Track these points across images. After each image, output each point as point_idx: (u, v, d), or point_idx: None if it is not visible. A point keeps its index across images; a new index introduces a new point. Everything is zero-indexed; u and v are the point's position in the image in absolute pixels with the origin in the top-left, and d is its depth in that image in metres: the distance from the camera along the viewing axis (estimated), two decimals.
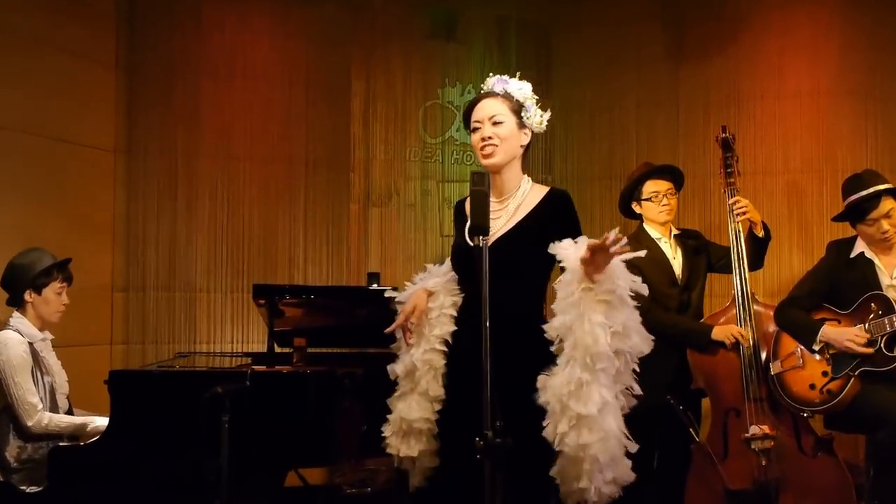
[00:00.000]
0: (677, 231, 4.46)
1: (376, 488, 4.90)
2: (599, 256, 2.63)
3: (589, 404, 2.62)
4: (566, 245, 2.76)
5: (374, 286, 4.70)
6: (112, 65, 5.18)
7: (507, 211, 2.91)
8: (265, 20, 5.52)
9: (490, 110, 2.92)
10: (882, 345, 3.80)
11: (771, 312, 4.14)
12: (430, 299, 2.93)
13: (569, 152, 5.88)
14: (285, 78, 5.54)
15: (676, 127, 5.61)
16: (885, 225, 3.89)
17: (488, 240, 2.73)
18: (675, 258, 4.36)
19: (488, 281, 2.49)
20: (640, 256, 2.78)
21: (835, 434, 4.08)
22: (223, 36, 5.42)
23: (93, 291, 4.93)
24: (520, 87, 2.96)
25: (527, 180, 2.98)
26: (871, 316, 3.84)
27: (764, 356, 4.11)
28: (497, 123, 2.90)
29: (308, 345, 4.41)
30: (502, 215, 2.91)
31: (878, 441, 3.81)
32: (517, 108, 2.93)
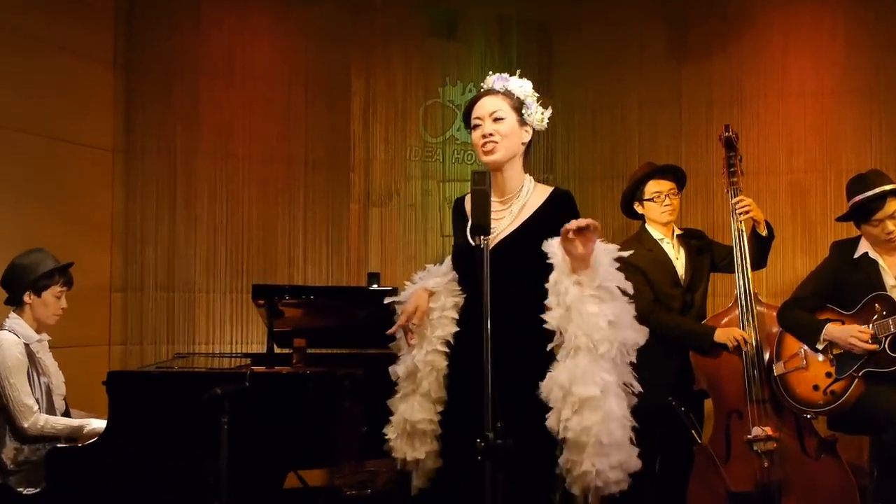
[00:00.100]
0: (680, 231, 4.44)
1: (376, 490, 4.89)
2: (578, 245, 2.63)
3: (591, 386, 2.61)
4: (555, 242, 2.75)
5: (374, 286, 4.69)
6: (110, 63, 5.17)
7: (511, 212, 2.90)
8: (265, 19, 5.52)
9: (491, 107, 2.91)
10: (886, 345, 3.78)
11: (774, 313, 4.12)
12: (430, 299, 2.91)
13: (570, 152, 5.86)
14: (285, 77, 5.54)
15: (679, 126, 5.59)
16: (889, 225, 3.88)
17: (491, 240, 2.75)
18: (678, 259, 4.34)
19: (491, 282, 2.48)
20: (625, 256, 2.77)
21: (838, 435, 4.05)
22: (222, 34, 5.41)
23: (91, 292, 4.91)
24: (520, 85, 2.95)
25: (529, 180, 2.97)
26: (875, 317, 3.82)
27: (767, 357, 4.08)
28: (498, 120, 2.89)
29: (308, 345, 4.39)
30: (505, 216, 2.89)
31: (882, 442, 3.80)
32: (518, 105, 2.92)
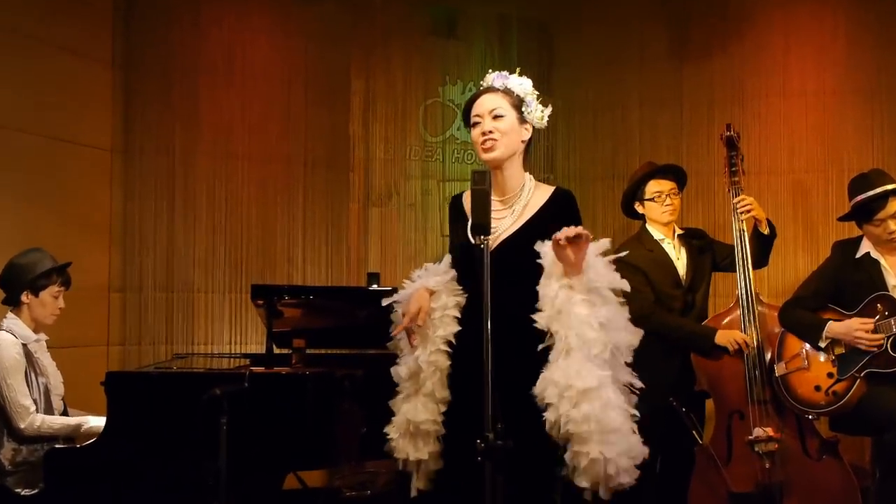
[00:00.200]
0: (681, 231, 4.43)
1: (376, 491, 4.88)
2: (570, 253, 2.64)
3: (587, 379, 2.61)
4: (547, 243, 2.75)
5: (374, 286, 4.68)
6: (109, 63, 5.15)
7: (514, 212, 2.89)
8: (264, 18, 5.51)
9: (490, 104, 2.90)
10: (888, 346, 3.77)
11: (775, 313, 4.11)
12: (431, 299, 2.89)
13: (571, 151, 5.84)
14: (284, 76, 5.52)
15: (680, 125, 5.58)
16: (892, 225, 3.86)
17: (494, 241, 2.79)
18: (679, 259, 4.33)
19: (493, 282, 2.47)
20: (622, 256, 2.78)
21: (840, 436, 4.05)
22: (221, 34, 5.40)
23: (89, 292, 4.89)
24: (520, 83, 2.95)
25: (530, 178, 2.96)
26: (878, 317, 3.81)
27: (768, 357, 4.08)
28: (497, 117, 2.88)
29: (307, 346, 4.38)
30: (507, 216, 2.89)
31: (884, 443, 3.79)
32: (518, 103, 2.91)
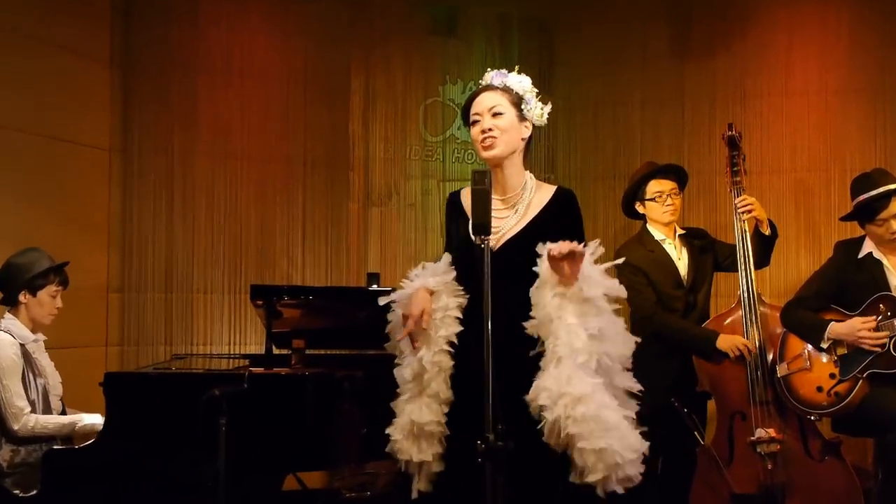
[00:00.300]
0: (682, 231, 4.41)
1: (376, 492, 4.87)
2: (565, 266, 2.66)
3: (579, 386, 2.62)
4: (548, 247, 2.75)
5: (374, 287, 4.66)
6: (107, 62, 5.13)
7: (517, 211, 2.89)
8: (263, 17, 5.49)
9: (489, 102, 2.90)
10: (891, 346, 3.76)
11: (777, 314, 4.10)
12: (432, 299, 2.87)
13: (572, 151, 5.82)
14: (283, 76, 5.51)
15: (682, 125, 5.56)
16: (894, 225, 3.86)
17: (497, 241, 2.81)
18: (680, 259, 4.32)
19: (495, 282, 2.47)
20: (619, 263, 2.79)
21: (842, 437, 4.04)
22: (220, 33, 5.38)
23: (88, 292, 4.88)
24: (519, 80, 2.95)
25: (531, 177, 2.96)
26: (880, 317, 3.80)
27: (770, 358, 4.07)
28: (497, 115, 2.88)
29: (307, 346, 4.36)
30: (510, 215, 2.89)
31: (887, 444, 3.78)
32: (517, 100, 2.91)
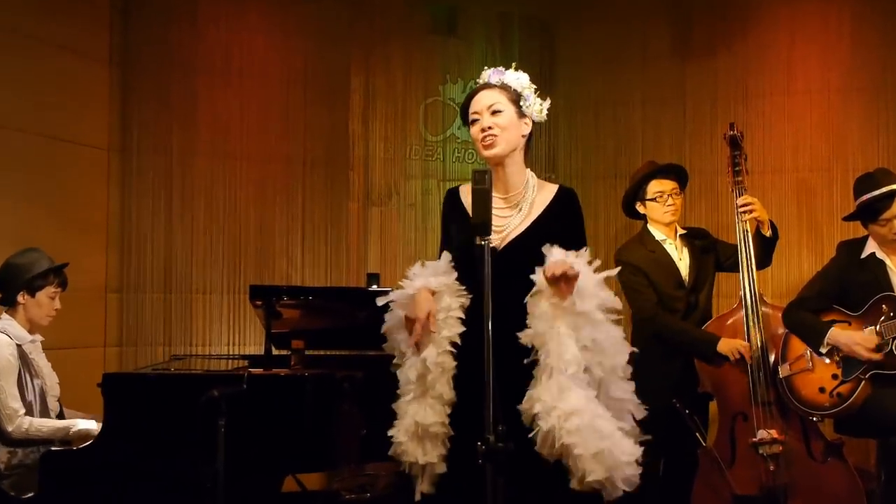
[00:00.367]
0: (683, 231, 4.39)
1: (376, 494, 4.86)
2: (561, 285, 2.67)
3: (573, 401, 2.63)
4: (553, 253, 2.77)
5: (374, 287, 4.64)
6: (106, 60, 5.12)
7: (520, 210, 2.89)
8: (262, 16, 5.49)
9: (488, 100, 2.89)
10: (893, 347, 3.74)
11: (779, 314, 4.08)
12: (433, 299, 2.84)
13: (573, 150, 5.81)
14: (283, 75, 5.50)
15: (683, 124, 5.56)
16: None
17: (501, 240, 2.82)
18: (682, 259, 4.30)
19: (500, 281, 2.46)
20: (613, 274, 2.82)
21: (845, 438, 4.02)
22: (219, 32, 5.37)
23: (86, 292, 4.86)
24: (517, 77, 2.94)
25: (532, 175, 2.96)
26: (883, 318, 3.78)
27: (772, 359, 4.05)
28: (496, 113, 2.87)
29: (306, 347, 4.34)
30: (514, 214, 2.88)
31: (889, 445, 3.78)
32: (515, 97, 2.90)
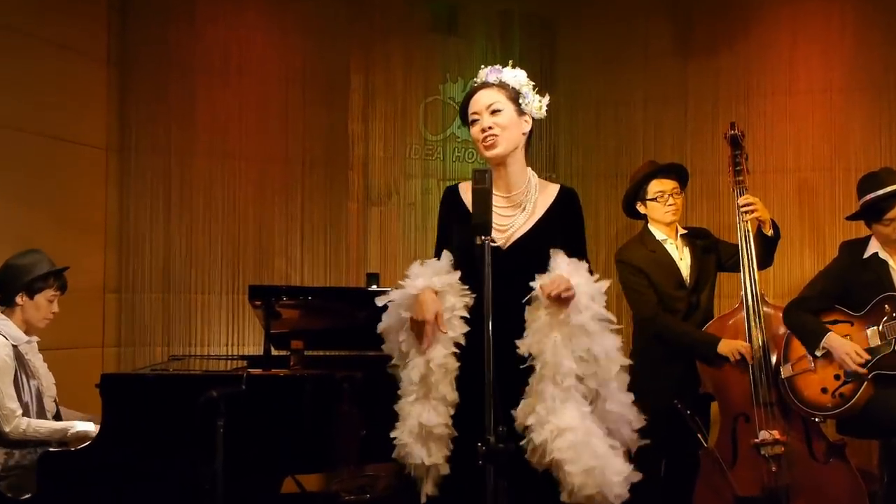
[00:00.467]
0: (684, 231, 4.38)
1: (375, 495, 4.84)
2: (560, 303, 2.70)
3: (567, 417, 2.64)
4: (558, 259, 2.79)
5: (374, 287, 4.63)
6: (104, 60, 5.10)
7: (525, 210, 2.89)
8: (261, 15, 5.47)
9: (487, 100, 2.89)
10: None
11: (780, 314, 4.07)
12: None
13: (573, 149, 5.80)
14: (282, 74, 5.48)
15: (684, 123, 5.55)
16: None
17: (507, 240, 2.84)
18: (682, 259, 4.29)
19: (505, 281, 2.48)
20: (605, 287, 2.82)
21: (847, 439, 4.01)
22: (218, 31, 5.35)
23: (84, 293, 4.84)
24: (514, 75, 2.93)
25: (533, 174, 2.96)
26: (886, 318, 3.77)
27: (774, 359, 4.04)
28: (496, 112, 2.87)
29: (305, 347, 4.33)
30: (518, 213, 2.88)
31: (892, 446, 3.79)
32: (514, 95, 2.90)
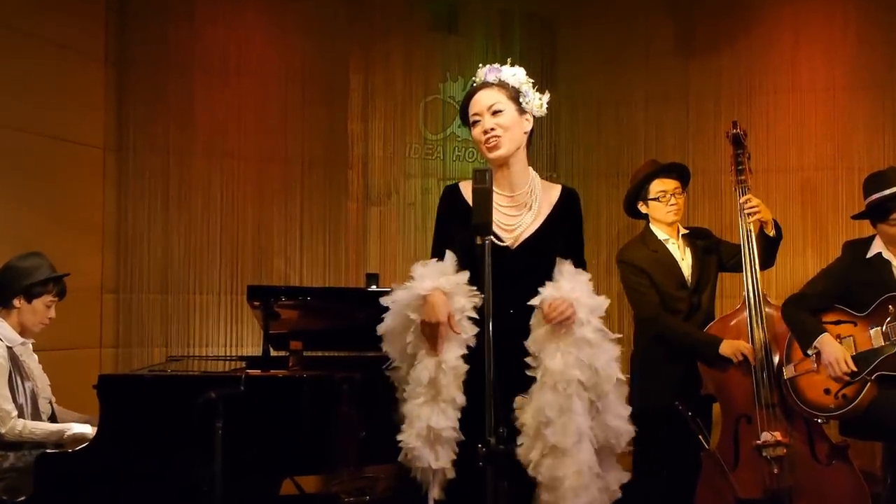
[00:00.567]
0: (685, 230, 4.36)
1: (375, 497, 4.84)
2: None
3: (566, 437, 2.63)
4: (563, 269, 2.79)
5: (373, 287, 4.61)
6: (102, 59, 5.09)
7: (531, 209, 2.90)
8: (260, 14, 5.46)
9: (488, 101, 2.88)
10: None
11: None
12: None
13: (574, 149, 5.80)
14: (281, 73, 5.47)
15: (686, 123, 5.54)
16: None
17: (515, 240, 2.85)
18: (684, 259, 4.27)
19: (514, 281, 2.51)
20: (604, 307, 2.83)
21: (850, 441, 3.98)
22: (216, 30, 5.34)
23: (82, 293, 4.82)
24: (513, 73, 2.92)
25: (535, 174, 2.96)
26: (889, 319, 3.75)
27: (777, 360, 4.02)
28: (497, 113, 2.86)
29: (304, 348, 4.32)
30: (524, 213, 2.89)
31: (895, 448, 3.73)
32: (514, 94, 2.89)
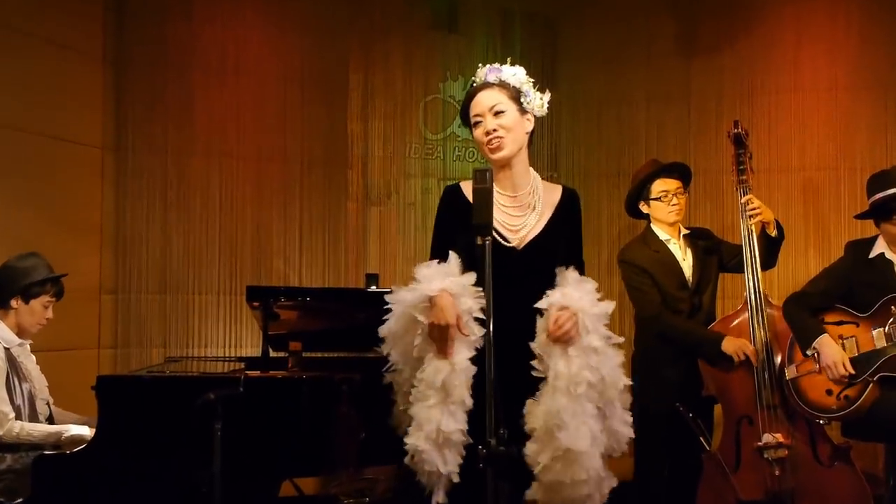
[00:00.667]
0: (686, 231, 4.35)
1: (374, 498, 4.83)
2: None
3: (579, 440, 2.61)
4: (568, 276, 2.79)
5: (373, 288, 4.60)
6: (100, 58, 5.07)
7: (535, 210, 2.89)
8: (259, 13, 5.45)
9: (489, 101, 2.87)
10: None
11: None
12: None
13: (575, 148, 5.79)
14: (280, 73, 5.46)
15: (688, 123, 5.54)
16: None
17: (521, 240, 2.85)
18: (685, 259, 4.26)
19: (520, 281, 2.51)
20: (608, 312, 2.82)
21: (852, 442, 3.98)
22: (215, 30, 5.33)
23: (80, 293, 4.80)
24: (514, 73, 2.91)
25: (535, 175, 2.96)
26: (891, 320, 3.74)
27: (778, 361, 4.00)
28: (499, 114, 2.85)
29: (304, 349, 4.30)
30: (528, 213, 2.89)
31: None
32: (515, 94, 2.89)
